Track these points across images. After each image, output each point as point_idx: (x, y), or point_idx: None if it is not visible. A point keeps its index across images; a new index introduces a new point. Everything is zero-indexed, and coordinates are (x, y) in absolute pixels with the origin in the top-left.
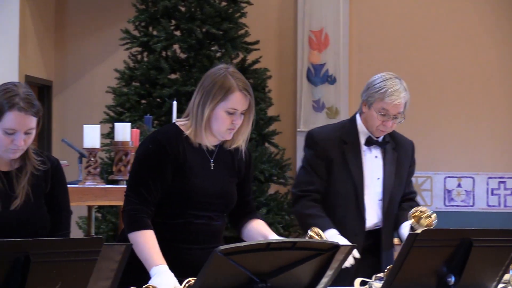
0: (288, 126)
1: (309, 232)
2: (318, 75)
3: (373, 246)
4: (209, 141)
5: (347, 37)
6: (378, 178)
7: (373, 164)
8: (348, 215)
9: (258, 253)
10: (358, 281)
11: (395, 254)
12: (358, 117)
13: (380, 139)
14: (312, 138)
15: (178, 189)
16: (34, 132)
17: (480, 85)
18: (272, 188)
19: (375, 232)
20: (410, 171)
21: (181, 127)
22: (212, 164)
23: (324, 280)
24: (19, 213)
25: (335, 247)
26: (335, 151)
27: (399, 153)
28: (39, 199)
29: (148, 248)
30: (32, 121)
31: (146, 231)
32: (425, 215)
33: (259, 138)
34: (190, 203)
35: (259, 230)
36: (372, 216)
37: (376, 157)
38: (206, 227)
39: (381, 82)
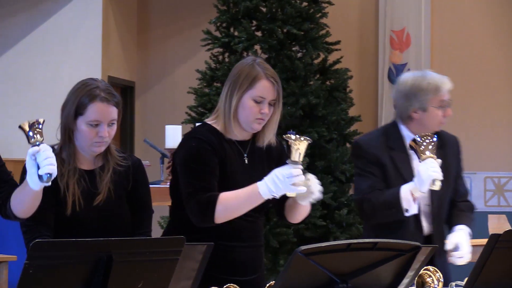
0: (369, 127)
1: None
2: (400, 75)
3: None
4: (239, 135)
5: (428, 36)
6: None
7: None
8: (407, 219)
9: (338, 254)
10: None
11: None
12: (400, 124)
13: None
14: (360, 148)
15: (220, 186)
16: (116, 124)
17: None
18: (353, 189)
19: (430, 238)
20: (459, 169)
21: (213, 125)
22: (246, 159)
23: (405, 281)
24: (101, 209)
25: (417, 247)
26: (385, 156)
27: (445, 152)
28: (120, 197)
29: (237, 193)
30: (114, 112)
31: (221, 194)
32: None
33: (340, 138)
34: None
35: None
36: (426, 221)
37: None
38: (248, 224)
39: (423, 81)
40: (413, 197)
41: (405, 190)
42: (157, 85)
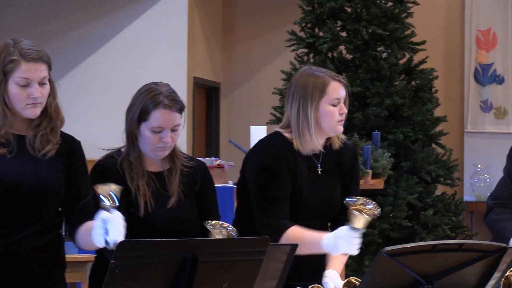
0: (455, 127)
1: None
2: (486, 75)
3: None
4: (318, 144)
5: None
6: None
7: None
8: None
9: (424, 255)
10: None
11: None
12: None
13: None
14: None
15: (290, 199)
16: (179, 129)
17: None
18: (439, 189)
19: None
20: None
21: (288, 138)
22: (319, 170)
23: (491, 282)
24: (173, 210)
25: (503, 249)
26: None
27: None
28: (189, 198)
29: (303, 236)
30: (177, 118)
31: (291, 228)
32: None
33: (425, 139)
34: (297, 211)
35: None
36: None
37: None
38: (313, 229)
39: None
40: None
41: None
42: (242, 85)
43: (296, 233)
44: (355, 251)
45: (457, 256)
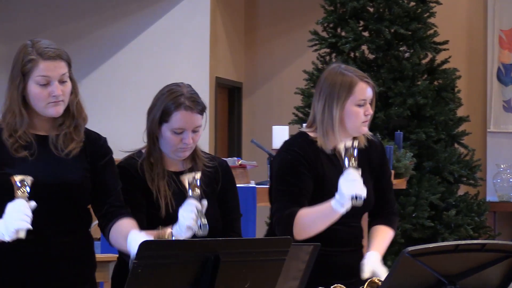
0: (478, 127)
1: None
2: (509, 75)
3: None
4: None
5: None
6: None
7: None
8: None
9: (446, 255)
10: None
11: None
12: None
13: None
14: None
15: (316, 197)
16: (200, 130)
17: None
18: (462, 189)
19: None
20: None
21: (312, 137)
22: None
23: None
24: None
25: None
26: None
27: None
28: (211, 198)
29: (313, 209)
30: (198, 119)
31: (299, 212)
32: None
33: (448, 139)
34: None
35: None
36: None
37: None
38: (346, 229)
39: None
40: None
41: None
42: (264, 85)
43: (305, 211)
44: (360, 187)
45: (480, 256)
